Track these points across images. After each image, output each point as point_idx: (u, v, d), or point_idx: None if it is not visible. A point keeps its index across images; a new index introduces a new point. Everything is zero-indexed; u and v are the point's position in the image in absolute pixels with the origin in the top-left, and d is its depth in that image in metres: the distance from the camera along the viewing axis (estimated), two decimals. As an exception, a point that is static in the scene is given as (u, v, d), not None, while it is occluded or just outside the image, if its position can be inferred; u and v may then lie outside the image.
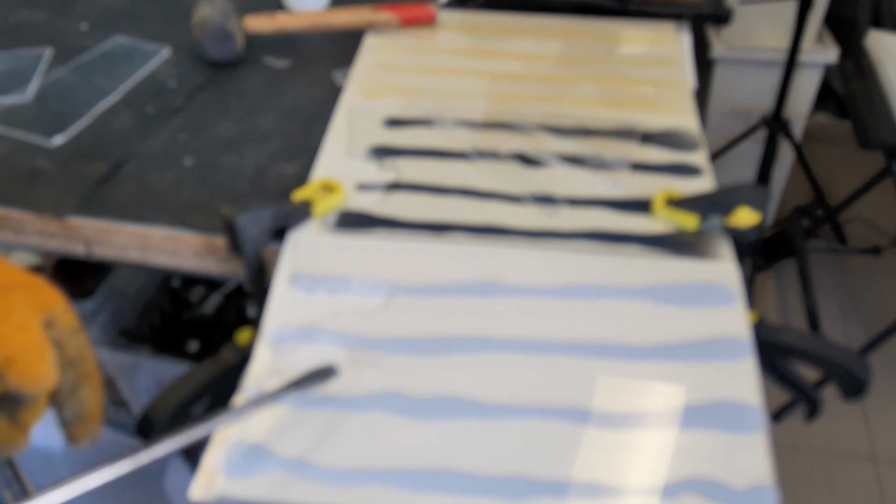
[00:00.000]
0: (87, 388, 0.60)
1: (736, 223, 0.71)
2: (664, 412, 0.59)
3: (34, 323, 0.56)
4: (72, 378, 0.59)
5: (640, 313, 0.66)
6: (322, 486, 0.55)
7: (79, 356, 0.59)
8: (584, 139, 0.84)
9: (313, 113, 0.90)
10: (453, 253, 0.70)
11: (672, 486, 0.55)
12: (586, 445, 0.58)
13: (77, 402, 0.60)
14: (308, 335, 0.64)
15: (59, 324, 0.59)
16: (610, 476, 0.56)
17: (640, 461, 0.57)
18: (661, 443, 0.58)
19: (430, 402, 0.60)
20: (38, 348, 0.56)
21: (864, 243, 2.43)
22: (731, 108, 2.21)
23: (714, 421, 0.59)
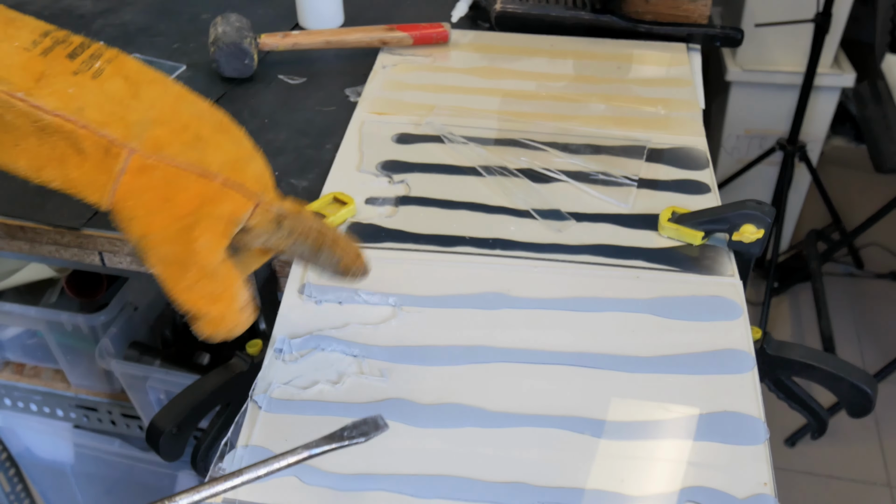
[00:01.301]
0: (325, 250, 0.58)
1: (741, 238, 0.71)
2: (667, 423, 0.60)
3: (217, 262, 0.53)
4: (305, 250, 0.58)
5: (644, 326, 0.66)
6: (328, 490, 0.56)
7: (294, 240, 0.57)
8: (592, 156, 0.85)
9: (326, 129, 0.92)
10: (460, 265, 0.71)
11: (671, 496, 0.55)
12: (590, 454, 0.58)
13: (325, 262, 0.58)
14: (316, 344, 0.65)
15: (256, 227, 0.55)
16: (613, 485, 0.56)
17: (642, 470, 0.57)
18: (664, 453, 0.58)
19: (436, 409, 0.61)
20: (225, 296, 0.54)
21: (881, 268, 2.42)
22: (746, 130, 2.21)
23: (716, 432, 0.59)
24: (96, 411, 1.11)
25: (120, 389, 1.08)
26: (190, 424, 0.69)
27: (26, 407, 1.16)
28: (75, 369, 1.07)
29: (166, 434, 0.67)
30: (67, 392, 1.11)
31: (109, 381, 1.07)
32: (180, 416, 0.68)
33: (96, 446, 1.18)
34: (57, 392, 1.11)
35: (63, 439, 1.20)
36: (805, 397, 0.77)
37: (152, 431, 0.68)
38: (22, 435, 1.24)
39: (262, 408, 0.61)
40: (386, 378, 0.63)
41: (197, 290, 0.52)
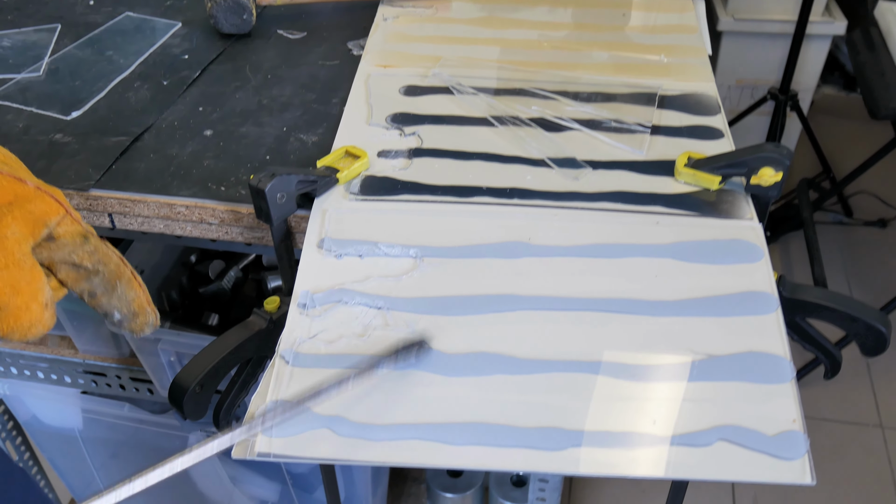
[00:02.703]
0: (122, 285, 0.57)
1: (759, 181, 0.71)
2: (694, 364, 0.60)
3: (22, 253, 0.51)
4: (102, 283, 0.56)
5: (667, 270, 0.66)
6: (363, 442, 0.56)
7: (97, 261, 0.56)
8: (603, 104, 0.84)
9: (330, 83, 0.90)
10: (480, 215, 0.71)
11: (705, 434, 0.56)
12: (619, 397, 0.58)
13: (119, 301, 0.57)
14: (339, 297, 0.65)
15: (62, 236, 0.55)
16: (645, 426, 0.56)
17: (672, 411, 0.57)
18: (692, 393, 0.58)
19: (463, 358, 0.61)
20: (28, 289, 0.51)
21: (870, 216, 2.43)
22: (737, 81, 2.21)
23: (743, 372, 0.60)
24: (104, 376, 1.11)
25: (128, 354, 1.07)
26: (212, 382, 0.69)
27: (33, 374, 1.15)
28: (82, 335, 1.06)
29: (190, 392, 0.67)
30: (75, 358, 1.10)
31: (117, 346, 1.06)
32: (202, 375, 0.68)
33: (105, 411, 1.17)
34: (64, 358, 1.10)
35: (71, 406, 1.20)
36: (820, 338, 0.78)
37: (175, 390, 0.67)
38: (29, 403, 1.23)
39: (289, 362, 0.61)
40: (412, 329, 0.63)
41: (1, 278, 0.50)
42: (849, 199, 2.44)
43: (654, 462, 0.55)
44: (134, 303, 0.58)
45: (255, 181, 0.67)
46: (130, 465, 1.28)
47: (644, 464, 0.55)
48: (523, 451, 0.56)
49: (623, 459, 0.55)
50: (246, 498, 1.27)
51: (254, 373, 0.74)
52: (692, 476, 0.55)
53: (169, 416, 1.13)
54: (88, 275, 0.56)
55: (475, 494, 1.39)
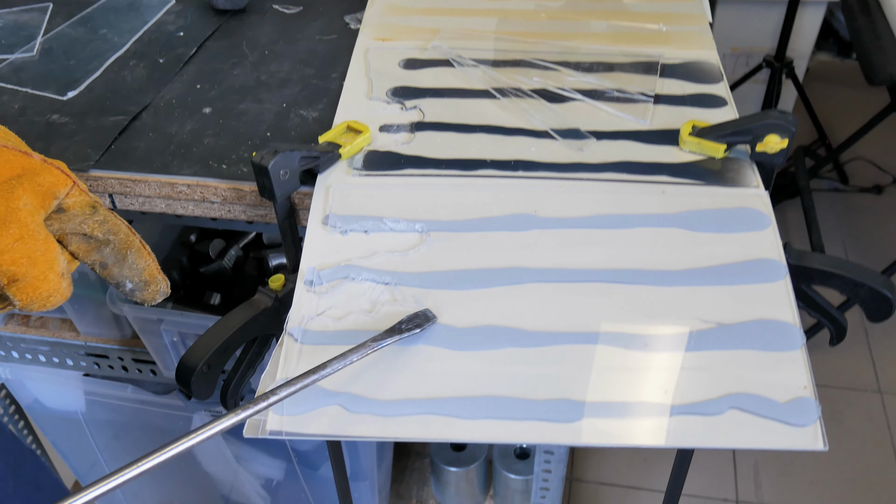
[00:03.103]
0: (132, 255, 0.58)
1: (765, 149, 0.71)
2: (704, 333, 0.60)
3: (36, 224, 0.52)
4: (113, 253, 0.57)
5: (674, 240, 0.66)
6: (375, 418, 0.56)
7: (107, 231, 0.56)
8: (605, 74, 0.84)
9: (329, 58, 0.89)
10: (485, 188, 0.70)
11: (716, 402, 0.56)
12: (630, 368, 0.58)
13: (130, 271, 0.58)
14: (346, 274, 0.64)
15: (72, 207, 0.55)
16: (657, 396, 0.56)
17: (684, 381, 0.57)
18: (703, 363, 0.58)
19: (473, 331, 0.61)
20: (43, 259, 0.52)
21: (865, 182, 2.44)
22: (732, 49, 2.20)
23: (753, 340, 0.60)
24: (107, 358, 1.10)
25: (130, 335, 1.07)
26: (219, 362, 0.68)
27: (34, 358, 1.14)
28: (83, 317, 1.06)
29: (197, 372, 0.67)
30: (76, 340, 1.09)
31: (119, 327, 1.06)
32: (209, 354, 0.67)
33: (108, 393, 1.17)
34: (65, 341, 1.10)
35: (73, 388, 1.20)
36: (825, 305, 0.77)
37: (183, 371, 0.67)
38: (31, 386, 1.23)
39: (297, 340, 0.61)
40: (421, 304, 0.62)
41: (16, 249, 0.51)
42: (844, 165, 2.44)
43: (667, 431, 0.55)
44: (145, 272, 0.59)
45: (258, 158, 0.66)
46: (134, 446, 1.28)
47: (657, 433, 0.55)
48: (535, 424, 0.56)
49: (635, 429, 0.55)
50: (251, 476, 1.28)
51: (260, 351, 0.74)
52: (704, 444, 0.55)
53: (172, 396, 1.13)
54: (99, 245, 0.57)
55: (479, 468, 1.39)
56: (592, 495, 1.60)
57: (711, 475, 1.63)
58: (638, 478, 1.64)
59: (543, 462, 1.05)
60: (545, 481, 1.08)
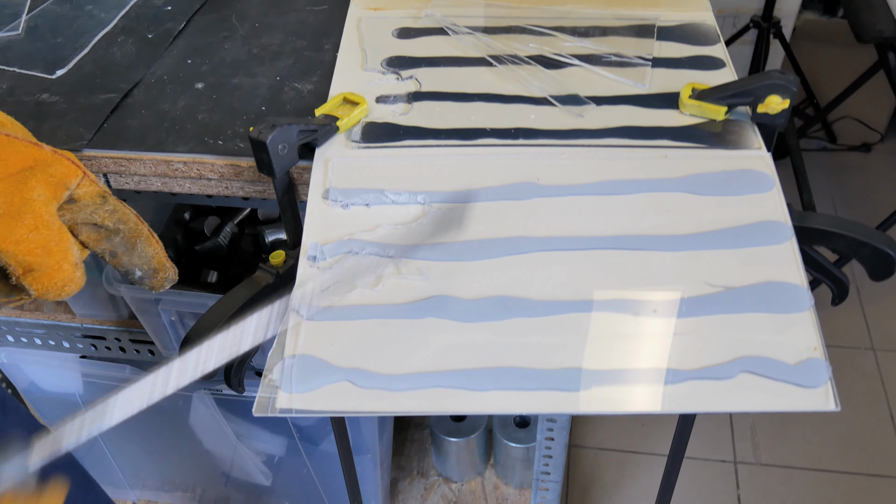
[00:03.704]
0: (141, 243, 0.59)
1: (766, 110, 0.70)
2: (711, 298, 0.60)
3: (50, 214, 0.53)
4: (122, 242, 0.58)
5: (679, 204, 0.65)
6: (385, 392, 0.56)
7: (117, 220, 0.57)
8: (601, 38, 0.83)
9: (321, 29, 0.88)
10: (486, 157, 0.69)
11: (727, 366, 0.56)
12: (639, 335, 0.58)
13: (139, 259, 0.59)
14: (349, 248, 0.64)
15: (83, 197, 0.56)
16: (666, 361, 0.56)
17: (693, 346, 0.57)
18: (712, 327, 0.58)
19: (480, 302, 0.60)
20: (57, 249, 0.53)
21: (853, 140, 2.44)
22: (719, 10, 2.18)
23: (761, 302, 0.59)
24: (104, 339, 1.09)
25: (127, 315, 1.06)
26: (222, 340, 0.68)
27: (30, 341, 1.13)
28: (79, 299, 1.05)
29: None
30: (72, 323, 1.08)
31: (116, 308, 1.05)
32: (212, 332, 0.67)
33: (106, 374, 1.16)
34: (61, 324, 1.09)
35: (70, 371, 1.19)
36: (827, 265, 0.78)
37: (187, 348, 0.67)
38: (27, 370, 1.22)
39: (303, 316, 0.60)
40: (426, 276, 0.62)
41: (31, 240, 0.52)
42: (832, 124, 2.44)
43: (680, 397, 0.55)
44: (154, 259, 0.60)
45: (256, 133, 0.65)
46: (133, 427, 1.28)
47: (670, 399, 0.55)
48: (546, 394, 0.55)
49: (648, 396, 0.55)
50: (253, 453, 1.28)
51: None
52: (717, 409, 0.55)
53: (172, 375, 1.12)
54: (109, 234, 0.57)
55: (479, 437, 1.40)
56: (592, 461, 1.61)
57: (709, 437, 1.65)
58: (636, 442, 1.65)
59: (546, 430, 1.06)
60: (548, 449, 1.08)
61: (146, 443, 1.32)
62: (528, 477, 1.41)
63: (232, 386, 0.74)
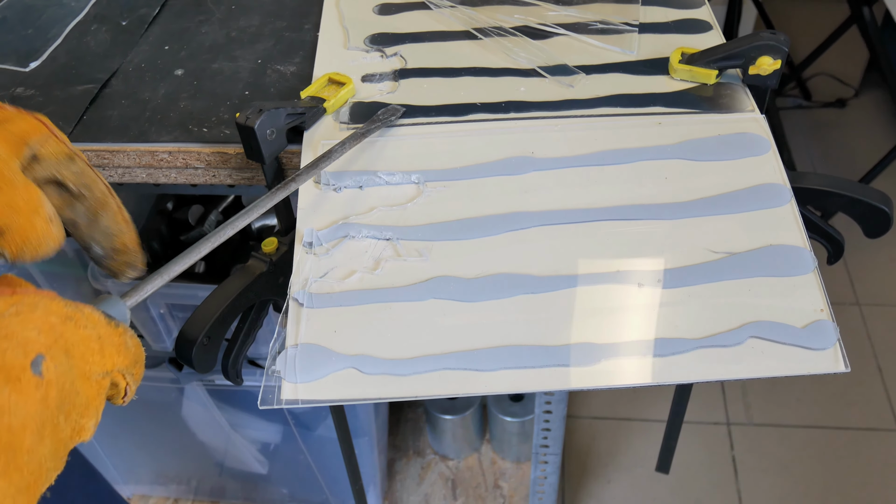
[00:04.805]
0: (105, 215, 0.53)
1: (758, 71, 0.69)
2: (714, 265, 0.59)
3: (11, 171, 0.48)
4: (85, 212, 0.53)
5: (676, 171, 0.65)
6: (391, 378, 0.55)
7: (82, 184, 0.52)
8: (586, 6, 0.81)
9: (299, 8, 0.86)
10: (478, 133, 0.68)
11: (735, 333, 0.56)
12: (644, 306, 0.57)
13: (101, 234, 0.53)
14: (345, 232, 0.62)
15: (46, 156, 0.51)
16: (672, 331, 0.56)
17: (697, 314, 0.57)
18: (717, 294, 0.58)
19: (482, 281, 0.59)
20: (26, 205, 0.48)
21: (828, 97, 2.45)
22: (691, -29, 2.16)
23: (765, 266, 0.59)
24: (91, 335, 1.08)
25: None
26: (219, 332, 0.67)
27: (15, 341, 1.11)
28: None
29: (198, 346, 0.65)
30: (57, 320, 1.06)
31: (102, 303, 1.03)
32: (208, 325, 0.66)
33: (94, 370, 1.15)
34: (46, 321, 1.07)
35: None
36: (823, 224, 0.77)
37: (183, 344, 0.65)
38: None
39: (303, 305, 0.59)
40: (426, 257, 0.61)
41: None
42: (807, 82, 2.45)
43: (691, 366, 0.54)
44: (116, 239, 0.54)
45: (243, 119, 0.63)
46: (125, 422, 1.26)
47: (682, 369, 0.54)
48: (556, 370, 0.55)
49: (659, 367, 0.55)
50: (248, 441, 1.27)
51: (258, 318, 0.72)
52: (728, 376, 0.55)
53: (163, 368, 1.11)
54: (72, 201, 0.52)
55: (474, 414, 1.40)
56: (587, 430, 1.62)
57: (701, 400, 1.66)
58: (628, 410, 1.66)
59: (544, 404, 1.06)
60: (546, 422, 1.08)
61: (138, 437, 1.31)
62: (524, 450, 1.41)
63: (230, 377, 0.73)
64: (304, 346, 0.57)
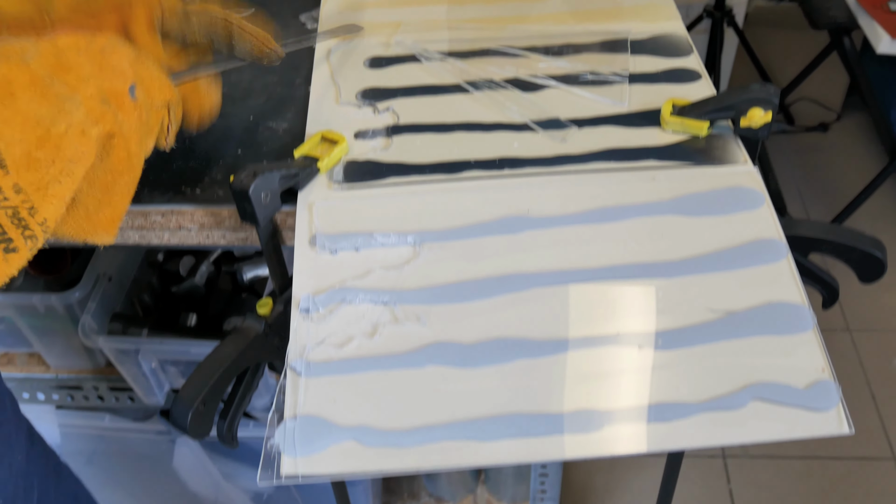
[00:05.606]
0: (236, 40, 0.66)
1: (749, 123, 0.70)
2: (713, 324, 0.59)
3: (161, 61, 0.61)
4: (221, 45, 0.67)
5: (672, 227, 0.65)
6: (392, 450, 0.54)
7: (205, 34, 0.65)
8: (575, 56, 0.82)
9: (290, 62, 0.85)
10: (472, 191, 0.68)
11: (737, 396, 0.55)
12: (644, 369, 0.57)
13: (241, 52, 0.68)
14: (342, 297, 0.62)
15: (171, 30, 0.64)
16: (672, 394, 0.55)
17: (698, 376, 0.56)
18: (716, 355, 0.57)
19: (480, 346, 0.59)
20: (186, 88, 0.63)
21: (811, 121, 2.47)
22: (672, 1, 2.19)
23: (763, 325, 0.59)
24: (80, 389, 1.06)
25: (104, 364, 1.03)
26: (214, 398, 0.66)
27: (3, 396, 1.10)
28: (53, 350, 1.02)
29: (194, 413, 0.64)
30: (47, 374, 1.05)
31: (92, 357, 1.02)
32: (204, 391, 0.65)
33: (84, 424, 1.13)
34: (35, 376, 1.05)
35: (46, 422, 1.15)
36: (818, 271, 0.77)
37: (179, 413, 0.64)
38: (1, 424, 1.18)
39: (301, 374, 0.58)
40: (424, 322, 0.60)
41: None
42: (789, 107, 2.47)
43: (695, 431, 0.54)
44: (254, 50, 0.68)
45: (238, 183, 0.63)
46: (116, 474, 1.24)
47: (686, 434, 0.54)
48: (560, 438, 0.54)
49: (661, 433, 0.54)
50: (240, 491, 1.25)
51: (253, 380, 0.71)
52: (732, 441, 0.54)
53: (154, 421, 1.10)
54: (208, 45, 0.67)
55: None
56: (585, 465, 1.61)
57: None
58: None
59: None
60: (543, 467, 1.07)
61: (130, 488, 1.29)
62: (520, 491, 1.40)
63: (225, 441, 0.72)
64: (304, 418, 0.56)
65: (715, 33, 2.13)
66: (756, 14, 2.40)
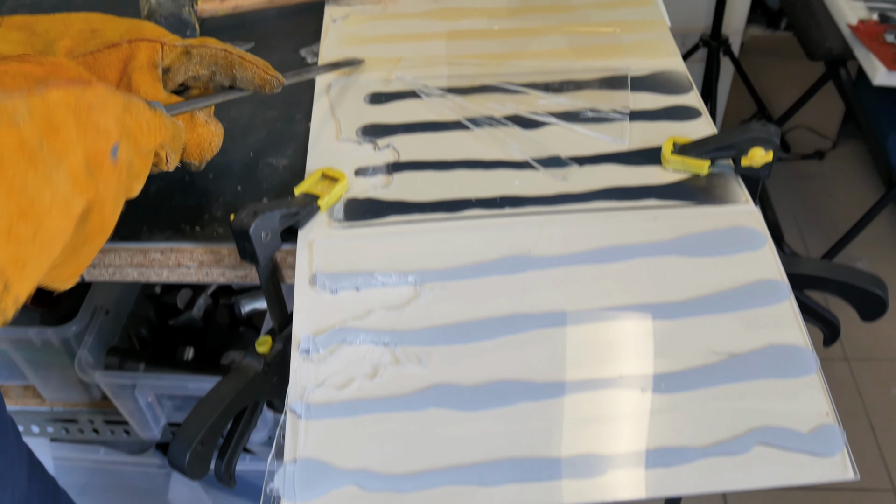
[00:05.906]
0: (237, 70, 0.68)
1: (750, 163, 0.70)
2: (716, 367, 0.59)
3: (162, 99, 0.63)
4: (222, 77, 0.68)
5: (673, 268, 0.64)
6: (393, 495, 0.53)
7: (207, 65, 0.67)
8: (575, 93, 0.82)
9: (290, 97, 0.85)
10: (474, 230, 0.68)
11: (741, 440, 0.55)
12: (648, 412, 0.57)
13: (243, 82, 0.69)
14: (342, 337, 0.61)
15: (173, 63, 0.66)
16: (677, 439, 0.55)
17: (701, 420, 0.56)
18: (720, 398, 0.57)
19: (482, 389, 0.58)
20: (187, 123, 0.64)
21: (807, 149, 2.48)
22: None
23: (767, 368, 0.58)
24: (76, 422, 1.05)
25: (100, 397, 1.02)
26: (213, 438, 0.65)
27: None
28: (48, 383, 1.01)
29: (192, 453, 0.63)
30: (42, 407, 1.04)
31: (87, 390, 1.01)
32: (202, 432, 0.64)
33: (79, 457, 1.12)
34: (30, 409, 1.05)
35: (41, 455, 1.14)
36: (818, 308, 0.77)
37: (177, 453, 0.64)
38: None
39: (301, 416, 0.58)
40: (425, 364, 0.60)
41: None
42: (785, 135, 2.48)
43: (700, 477, 0.53)
44: (255, 79, 0.69)
45: (238, 223, 0.63)
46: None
47: (690, 480, 0.53)
48: (562, 483, 0.54)
49: (664, 478, 0.54)
50: (237, 522, 1.24)
51: (251, 418, 0.71)
52: (735, 486, 0.54)
53: (149, 454, 1.09)
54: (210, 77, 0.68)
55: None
56: None
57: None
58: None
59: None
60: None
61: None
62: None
63: (223, 481, 0.71)
64: (304, 462, 0.55)
65: (711, 62, 2.14)
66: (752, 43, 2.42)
